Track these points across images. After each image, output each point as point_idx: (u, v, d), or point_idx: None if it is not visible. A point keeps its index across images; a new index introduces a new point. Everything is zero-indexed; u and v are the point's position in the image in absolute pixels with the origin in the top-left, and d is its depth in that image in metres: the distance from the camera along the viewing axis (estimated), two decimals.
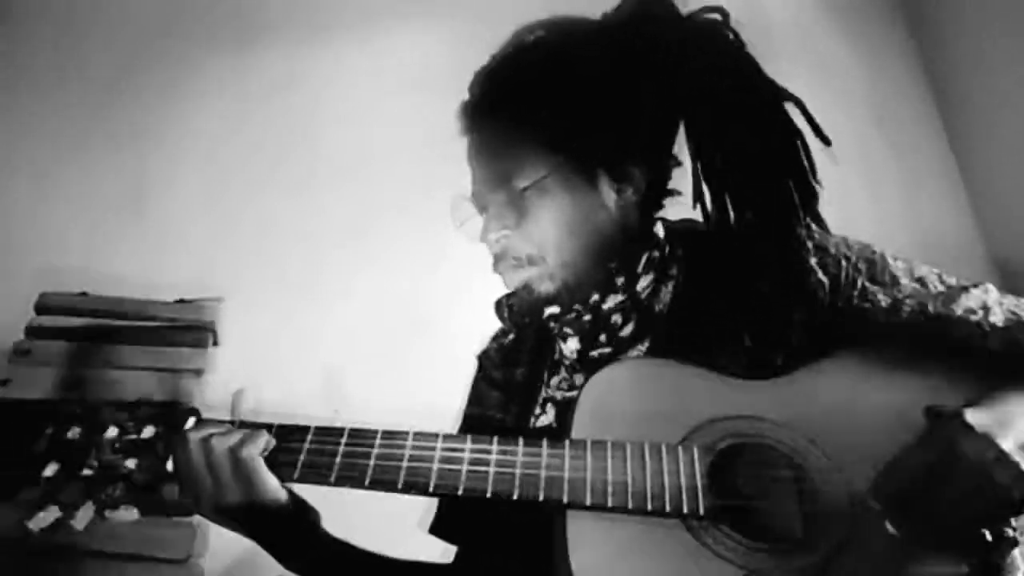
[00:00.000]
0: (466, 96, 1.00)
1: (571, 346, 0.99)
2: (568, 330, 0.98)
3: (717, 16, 0.99)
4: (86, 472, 0.74)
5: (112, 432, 0.77)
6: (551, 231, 0.93)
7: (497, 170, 0.95)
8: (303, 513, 0.88)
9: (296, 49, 2.03)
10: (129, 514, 0.72)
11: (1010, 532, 0.73)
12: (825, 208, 0.98)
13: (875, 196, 2.05)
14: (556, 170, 0.92)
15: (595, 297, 0.96)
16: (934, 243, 2.01)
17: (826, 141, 0.98)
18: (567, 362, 1.00)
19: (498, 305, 1.07)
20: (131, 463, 0.76)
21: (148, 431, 0.78)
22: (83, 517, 0.70)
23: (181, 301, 1.83)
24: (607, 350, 0.96)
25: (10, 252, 1.83)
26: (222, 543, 1.59)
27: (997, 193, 2.05)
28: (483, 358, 1.13)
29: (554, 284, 0.95)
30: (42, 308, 1.76)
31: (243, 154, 1.98)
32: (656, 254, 0.97)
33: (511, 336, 1.11)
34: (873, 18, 2.22)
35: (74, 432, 0.76)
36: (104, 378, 1.67)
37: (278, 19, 2.04)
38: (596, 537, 0.78)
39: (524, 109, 0.94)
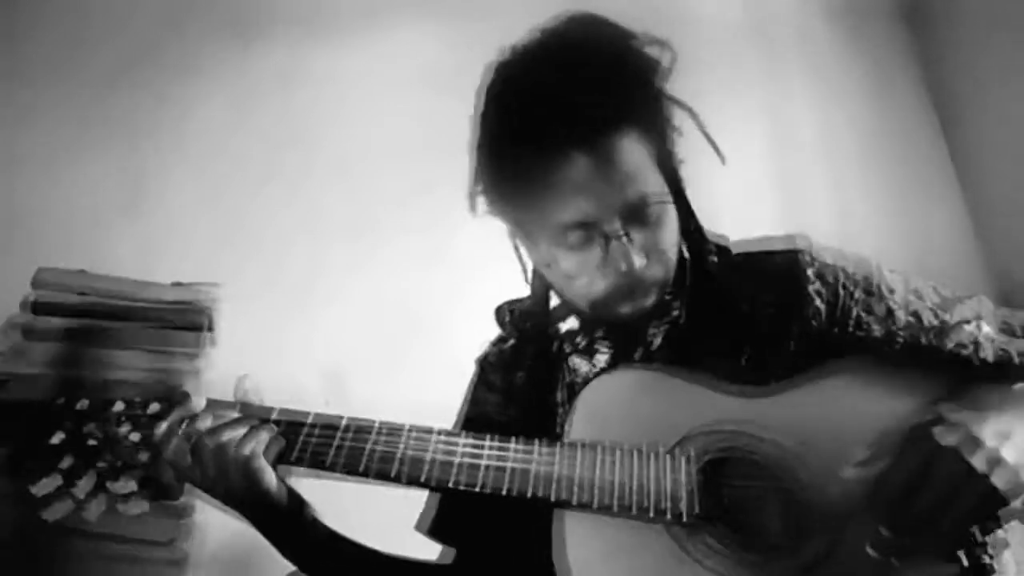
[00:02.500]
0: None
1: (599, 361, 0.99)
2: (601, 346, 0.99)
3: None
4: (91, 443, 0.75)
5: (119, 406, 0.78)
6: (671, 241, 0.90)
7: (622, 178, 0.85)
8: (298, 506, 0.89)
9: (296, 48, 2.02)
10: (128, 487, 0.73)
11: (1001, 532, 0.76)
12: (823, 219, 0.99)
13: (874, 206, 2.07)
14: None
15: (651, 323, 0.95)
16: (934, 253, 2.04)
17: (722, 157, 0.94)
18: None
19: (499, 311, 1.09)
20: (135, 437, 0.77)
21: (154, 407, 0.80)
22: (84, 487, 0.71)
23: (178, 284, 1.83)
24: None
25: (5, 253, 1.83)
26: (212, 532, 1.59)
27: (997, 204, 2.07)
28: (483, 362, 1.13)
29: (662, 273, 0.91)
30: (39, 283, 1.76)
31: (242, 153, 1.97)
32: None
33: (511, 342, 1.11)
34: (874, 25, 2.25)
35: (83, 404, 0.77)
36: (97, 356, 1.67)
37: (279, 17, 2.04)
38: (590, 534, 0.79)
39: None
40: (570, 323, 1.01)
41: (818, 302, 0.94)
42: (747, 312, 0.95)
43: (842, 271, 0.96)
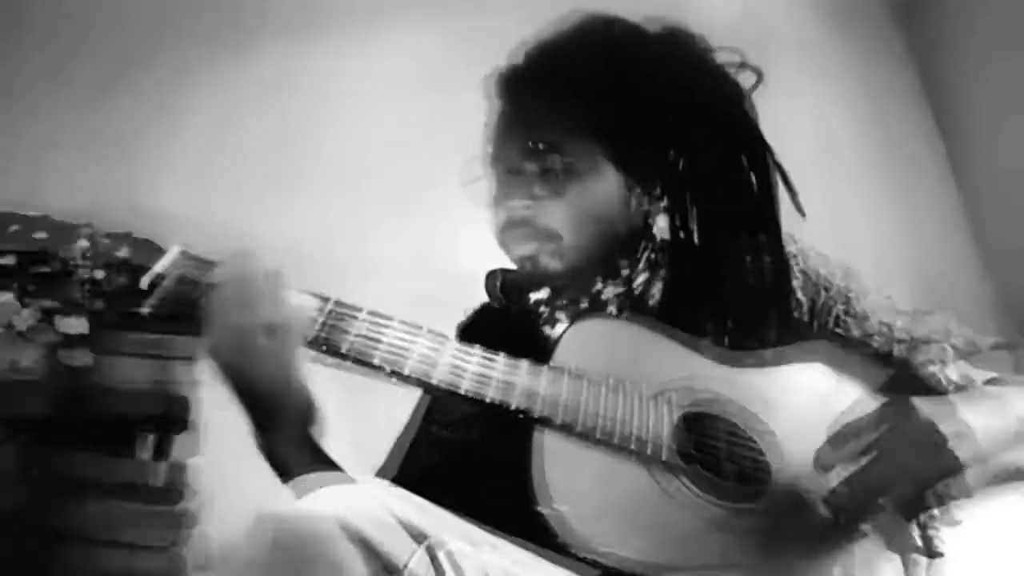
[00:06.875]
0: (506, 63, 1.03)
1: (560, 330, 0.98)
2: (560, 315, 1.00)
3: (735, 57, 1.05)
4: (43, 269, 0.68)
5: (84, 243, 0.71)
6: (576, 213, 0.96)
7: (536, 140, 0.97)
8: (309, 404, 0.83)
9: (295, 48, 2.03)
10: (80, 324, 0.65)
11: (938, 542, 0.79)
12: (818, 221, 1.03)
13: (870, 206, 2.05)
14: (593, 157, 0.97)
15: (598, 285, 1.00)
16: (930, 252, 2.03)
17: (801, 212, 1.03)
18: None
19: (490, 276, 1.06)
20: (99, 274, 0.71)
21: (124, 251, 0.74)
22: (28, 316, 0.63)
23: None
24: None
25: None
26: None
27: (994, 204, 2.07)
28: (463, 331, 1.11)
29: (562, 264, 0.97)
30: None
31: (242, 154, 1.95)
32: (653, 249, 1.01)
33: (492, 311, 1.09)
34: (869, 25, 2.28)
35: (41, 234, 0.70)
36: None
37: (277, 18, 2.06)
38: (569, 455, 0.79)
39: (572, 89, 0.97)
40: (541, 293, 1.01)
41: (800, 295, 0.99)
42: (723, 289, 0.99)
43: (824, 268, 1.00)
